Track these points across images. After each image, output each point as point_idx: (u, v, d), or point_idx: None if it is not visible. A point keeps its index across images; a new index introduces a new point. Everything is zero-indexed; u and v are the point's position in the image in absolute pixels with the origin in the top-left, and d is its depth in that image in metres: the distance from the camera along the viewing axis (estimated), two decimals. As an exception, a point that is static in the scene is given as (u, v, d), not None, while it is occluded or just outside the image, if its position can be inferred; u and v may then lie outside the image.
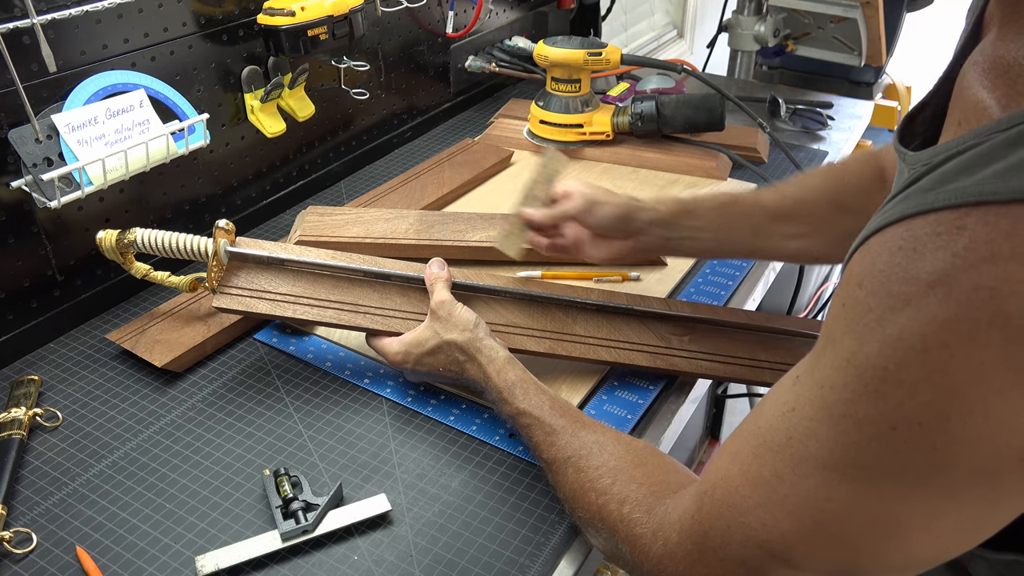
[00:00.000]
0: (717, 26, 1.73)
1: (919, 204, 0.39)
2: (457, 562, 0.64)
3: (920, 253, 0.38)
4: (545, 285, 0.84)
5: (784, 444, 0.45)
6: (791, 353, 0.84)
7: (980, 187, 0.37)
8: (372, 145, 1.30)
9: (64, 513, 0.69)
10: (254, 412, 0.79)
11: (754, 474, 0.47)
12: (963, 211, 0.37)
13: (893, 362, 0.38)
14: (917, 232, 0.38)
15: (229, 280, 0.78)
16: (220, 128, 1.03)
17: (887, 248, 0.40)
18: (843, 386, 0.41)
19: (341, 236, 0.97)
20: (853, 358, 0.40)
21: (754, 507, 0.47)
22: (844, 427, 0.41)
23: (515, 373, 0.71)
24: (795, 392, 0.45)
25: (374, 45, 1.24)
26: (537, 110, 1.27)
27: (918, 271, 0.38)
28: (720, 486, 0.50)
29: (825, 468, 0.42)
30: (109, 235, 0.81)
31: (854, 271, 0.42)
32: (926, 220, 0.38)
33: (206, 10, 0.97)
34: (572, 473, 0.63)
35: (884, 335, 0.38)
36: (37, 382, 0.81)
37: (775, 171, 1.23)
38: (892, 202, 0.42)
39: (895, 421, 0.38)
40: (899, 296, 0.38)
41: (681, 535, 0.52)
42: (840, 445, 0.41)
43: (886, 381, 0.38)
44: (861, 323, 0.40)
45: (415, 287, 0.80)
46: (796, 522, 0.45)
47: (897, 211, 0.40)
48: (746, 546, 0.48)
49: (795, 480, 0.44)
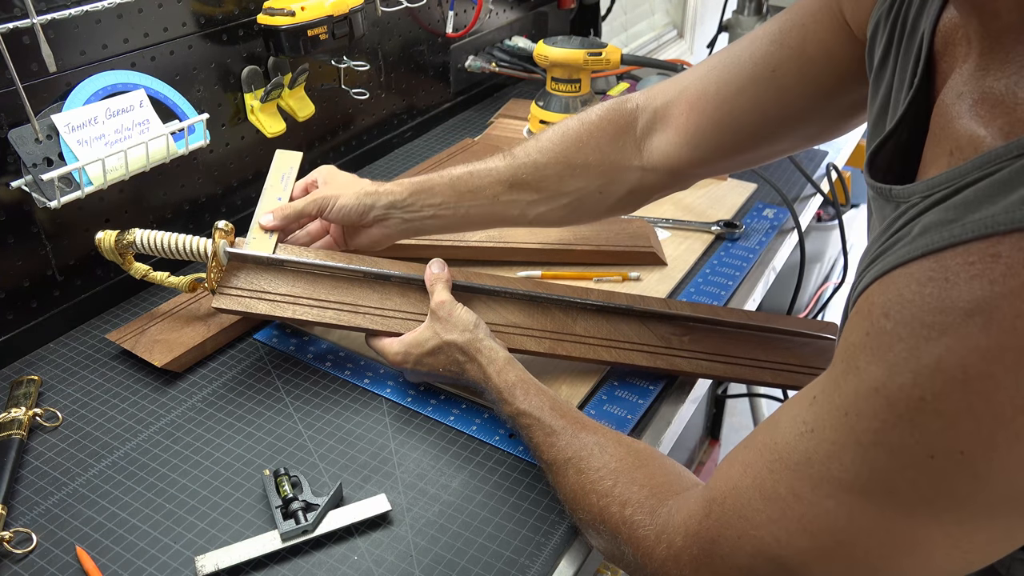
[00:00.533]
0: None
1: (945, 238, 0.39)
2: (457, 562, 0.64)
3: (953, 283, 0.37)
4: (545, 285, 0.84)
5: (802, 463, 0.45)
6: (791, 353, 0.84)
7: (1010, 214, 0.36)
8: (372, 145, 1.30)
9: (64, 513, 0.69)
10: (254, 412, 0.79)
11: (768, 489, 0.47)
12: (995, 240, 0.36)
13: (931, 392, 0.38)
14: (947, 263, 0.38)
15: (229, 281, 0.78)
16: (220, 128, 1.03)
17: (915, 279, 0.39)
18: (872, 415, 0.40)
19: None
20: (883, 388, 0.40)
21: (767, 522, 0.46)
22: (874, 455, 0.41)
23: (515, 374, 0.71)
24: (813, 413, 0.45)
25: (374, 45, 1.24)
26: (537, 110, 1.27)
27: (954, 301, 0.37)
28: (731, 496, 0.49)
29: (850, 491, 0.42)
30: (108, 236, 0.81)
31: (876, 301, 0.42)
32: (955, 252, 0.38)
33: (206, 10, 0.97)
34: (573, 474, 0.63)
35: (919, 365, 0.38)
36: (37, 382, 0.81)
37: (775, 171, 1.23)
38: (904, 237, 0.42)
39: (934, 450, 0.38)
40: (933, 326, 0.38)
41: (687, 539, 0.52)
42: (867, 471, 0.41)
43: (923, 412, 0.38)
44: (891, 352, 0.40)
45: (415, 287, 0.80)
46: (814, 541, 0.44)
47: (919, 246, 0.40)
48: (756, 558, 0.47)
49: (814, 500, 0.44)
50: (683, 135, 0.77)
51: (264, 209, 0.83)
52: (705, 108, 0.75)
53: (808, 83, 0.69)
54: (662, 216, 1.10)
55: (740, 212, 1.14)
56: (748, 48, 0.73)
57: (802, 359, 0.84)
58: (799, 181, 1.20)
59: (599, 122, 0.81)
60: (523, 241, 0.99)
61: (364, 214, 0.82)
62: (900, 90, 0.53)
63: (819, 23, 0.66)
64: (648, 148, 0.80)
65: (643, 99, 0.81)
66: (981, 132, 0.42)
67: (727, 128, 0.75)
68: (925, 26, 0.51)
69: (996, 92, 0.42)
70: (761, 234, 1.08)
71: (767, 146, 0.77)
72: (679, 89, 0.78)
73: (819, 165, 1.26)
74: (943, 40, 0.50)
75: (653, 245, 1.01)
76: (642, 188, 0.83)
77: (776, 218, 1.12)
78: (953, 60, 0.49)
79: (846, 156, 1.37)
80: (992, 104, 0.42)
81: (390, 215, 0.83)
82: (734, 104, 0.73)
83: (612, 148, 0.81)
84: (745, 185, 1.19)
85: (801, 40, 0.68)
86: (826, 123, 0.73)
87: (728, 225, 1.08)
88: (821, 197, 1.20)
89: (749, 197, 1.17)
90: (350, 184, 0.85)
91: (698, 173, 0.83)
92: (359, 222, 0.83)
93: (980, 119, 0.43)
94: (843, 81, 0.67)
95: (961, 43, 0.48)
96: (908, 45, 0.53)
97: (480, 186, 0.82)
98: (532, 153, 0.82)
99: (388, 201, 0.82)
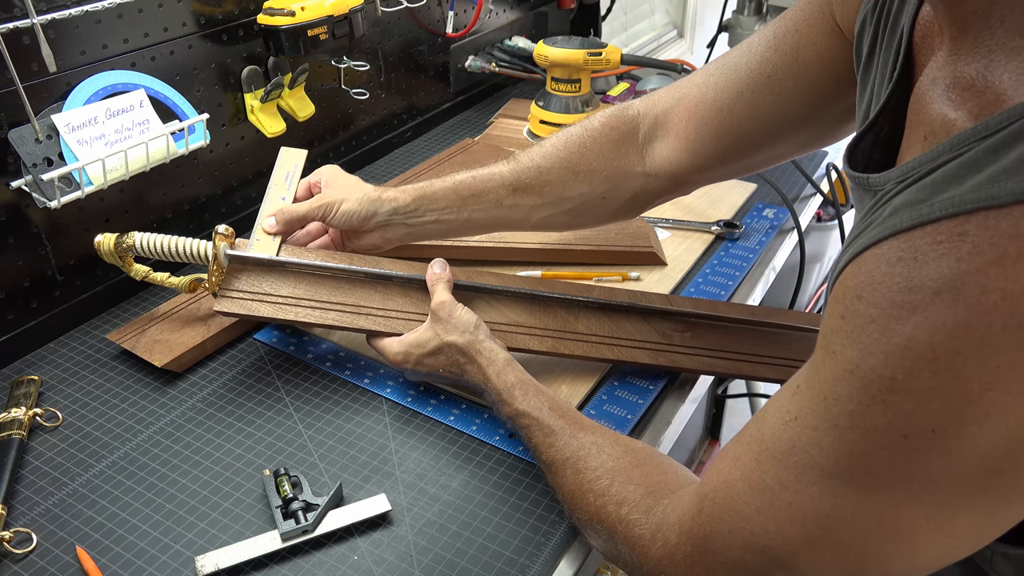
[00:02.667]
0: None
1: (913, 217, 0.39)
2: (457, 562, 0.64)
3: (922, 262, 0.38)
4: (547, 283, 0.84)
5: (787, 452, 0.45)
6: (792, 348, 0.84)
7: (976, 193, 0.37)
8: (372, 145, 1.30)
9: (64, 513, 0.69)
10: (254, 412, 0.79)
11: (756, 480, 0.47)
12: (962, 218, 0.37)
13: (901, 372, 0.38)
14: (916, 243, 0.38)
15: (230, 283, 0.78)
16: (220, 128, 1.03)
17: (885, 259, 0.40)
18: (847, 397, 0.41)
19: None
20: (857, 370, 0.40)
21: (756, 513, 0.47)
22: (850, 437, 0.41)
23: (514, 375, 0.71)
24: (796, 402, 0.45)
25: (374, 45, 1.24)
26: (537, 110, 1.27)
27: (922, 279, 0.37)
28: (722, 490, 0.50)
29: (831, 476, 0.42)
30: (107, 239, 0.81)
31: (849, 284, 0.42)
32: (924, 231, 0.38)
33: (206, 10, 0.97)
34: (571, 474, 0.63)
35: (890, 345, 0.38)
36: (37, 382, 0.81)
37: (775, 171, 1.23)
38: (877, 219, 0.42)
39: (906, 429, 0.38)
40: (903, 305, 0.38)
41: (681, 536, 0.52)
42: (847, 455, 0.41)
43: (895, 391, 0.38)
44: (863, 334, 0.40)
45: (417, 287, 0.80)
46: (800, 529, 0.45)
47: (889, 226, 0.40)
48: (747, 551, 0.48)
49: (799, 488, 0.44)
50: (683, 142, 0.78)
51: (268, 209, 0.83)
52: (704, 115, 0.76)
53: (804, 88, 0.69)
54: (662, 216, 1.10)
55: (740, 212, 1.14)
56: (744, 55, 0.73)
57: (802, 354, 0.84)
58: (799, 181, 1.20)
59: (602, 128, 0.82)
60: (523, 241, 0.99)
61: (367, 219, 0.82)
62: (882, 84, 0.54)
63: (812, 27, 0.67)
64: (650, 154, 0.81)
65: (644, 106, 0.82)
66: (952, 115, 0.43)
67: (726, 134, 0.75)
68: (905, 20, 0.52)
69: (967, 76, 0.43)
70: (761, 234, 1.08)
71: (766, 151, 0.77)
72: (678, 96, 0.79)
73: (819, 165, 1.26)
74: (921, 33, 0.51)
75: (653, 245, 1.01)
76: (645, 194, 0.83)
77: (776, 218, 1.12)
78: (930, 51, 0.49)
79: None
80: (963, 88, 0.43)
81: (393, 220, 0.83)
82: (732, 110, 0.74)
83: (615, 154, 0.81)
84: (745, 185, 1.19)
85: (795, 45, 0.68)
86: (824, 128, 0.74)
87: (728, 225, 1.08)
88: (821, 197, 1.20)
89: (749, 197, 1.17)
90: (353, 187, 0.84)
91: (700, 179, 0.83)
92: (361, 227, 0.83)
93: (952, 103, 0.43)
94: (838, 85, 0.67)
95: (937, 34, 0.49)
96: (890, 40, 0.54)
97: (483, 190, 0.82)
98: (536, 158, 0.82)
99: (391, 207, 0.82)
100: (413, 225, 0.83)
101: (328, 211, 0.82)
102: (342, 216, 0.82)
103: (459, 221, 0.83)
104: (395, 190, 0.83)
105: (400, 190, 0.83)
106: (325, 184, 0.86)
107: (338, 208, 0.82)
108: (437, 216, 0.83)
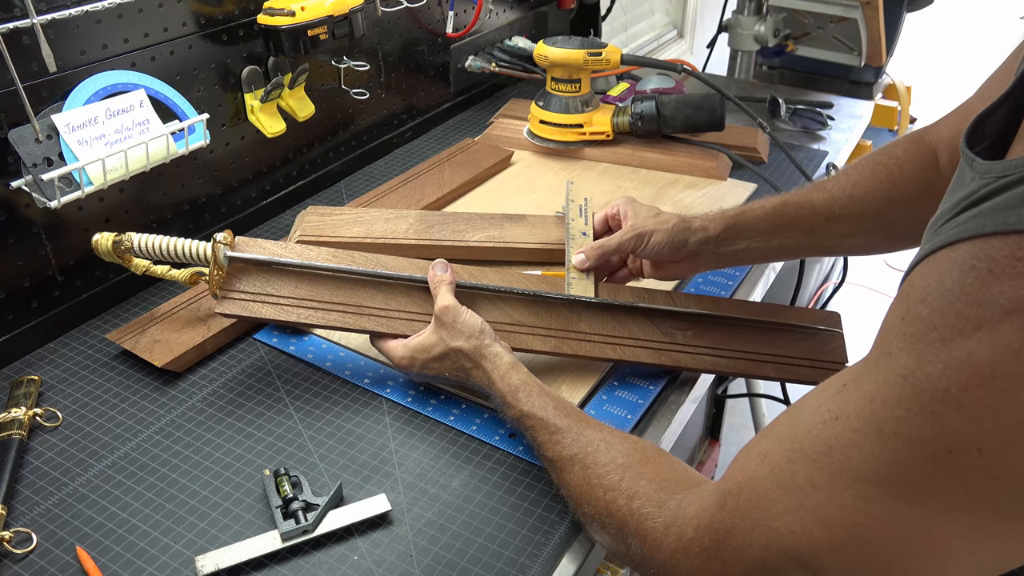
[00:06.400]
0: (717, 26, 1.73)
1: (997, 223, 0.38)
2: (457, 562, 0.64)
3: (996, 276, 0.36)
4: (549, 283, 0.84)
5: (823, 453, 0.44)
6: (793, 346, 0.84)
7: None
8: (372, 145, 1.30)
9: (64, 513, 0.69)
10: (254, 412, 0.79)
11: (786, 479, 0.46)
12: None
13: (957, 385, 0.37)
14: (994, 253, 0.37)
15: (231, 284, 0.78)
16: (220, 128, 1.03)
17: (957, 266, 0.38)
18: (896, 403, 0.40)
19: (341, 236, 0.97)
20: (911, 376, 0.39)
21: (783, 512, 0.46)
22: (894, 444, 0.40)
23: (519, 377, 0.71)
24: (840, 401, 0.44)
25: (374, 45, 1.24)
26: (537, 110, 1.27)
27: (994, 295, 0.36)
28: (747, 486, 0.49)
29: (867, 482, 0.42)
30: (105, 239, 0.81)
31: (916, 284, 0.41)
32: (1005, 241, 0.37)
33: (206, 10, 0.97)
34: (579, 470, 0.63)
35: (949, 357, 0.37)
36: (37, 382, 0.81)
37: (775, 171, 1.23)
38: (962, 216, 0.40)
39: (952, 444, 0.38)
40: (969, 318, 0.37)
41: (698, 531, 0.52)
42: (887, 462, 0.41)
43: (947, 404, 0.37)
44: (923, 341, 0.39)
45: (419, 287, 0.80)
46: (827, 533, 0.44)
47: (970, 227, 0.39)
48: (769, 550, 0.47)
49: (832, 491, 0.43)
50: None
51: (574, 245, 0.85)
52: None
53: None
54: (662, 216, 1.10)
55: (740, 212, 1.13)
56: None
57: (804, 351, 0.84)
58: (799, 181, 1.20)
59: (905, 156, 0.80)
60: (523, 241, 0.99)
61: (678, 250, 0.82)
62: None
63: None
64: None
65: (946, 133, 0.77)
66: None
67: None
68: None
69: None
70: (761, 234, 1.08)
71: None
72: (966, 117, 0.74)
73: (819, 165, 1.26)
74: None
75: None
76: None
77: (776, 218, 1.12)
78: None
79: (846, 156, 1.37)
80: None
81: (703, 250, 0.83)
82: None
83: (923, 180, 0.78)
84: (745, 185, 1.19)
85: None
86: None
87: (728, 225, 1.07)
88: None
89: (749, 197, 1.17)
90: (656, 217, 0.85)
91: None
92: (671, 258, 0.84)
93: None
94: None
95: None
96: None
97: (796, 219, 0.82)
98: (846, 188, 0.81)
99: (701, 237, 0.82)
100: (723, 254, 0.84)
101: (639, 242, 0.83)
102: (653, 247, 0.82)
103: (768, 249, 0.83)
104: (702, 218, 0.84)
105: (707, 219, 0.83)
106: (624, 216, 0.86)
107: (649, 239, 0.82)
108: (747, 244, 0.83)
